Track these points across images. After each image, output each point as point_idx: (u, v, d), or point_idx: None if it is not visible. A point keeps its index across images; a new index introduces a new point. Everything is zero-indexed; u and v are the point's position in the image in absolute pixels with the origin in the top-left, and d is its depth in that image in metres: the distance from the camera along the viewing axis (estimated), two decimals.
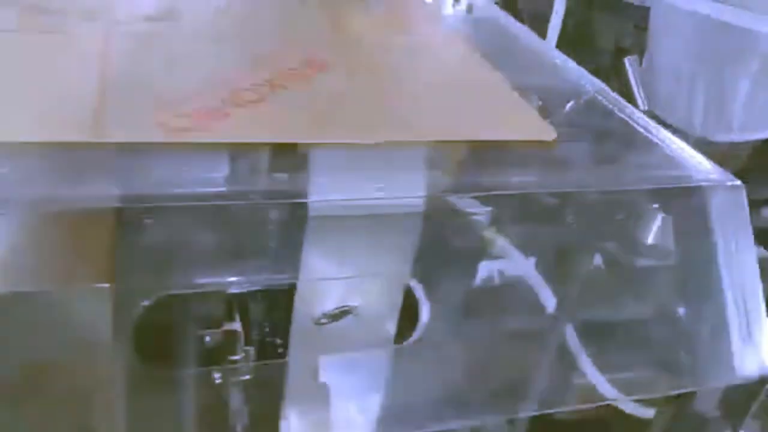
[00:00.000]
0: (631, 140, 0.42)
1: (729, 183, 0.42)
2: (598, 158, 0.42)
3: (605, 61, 0.86)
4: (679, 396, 0.40)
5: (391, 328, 0.45)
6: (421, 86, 0.45)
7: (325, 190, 0.38)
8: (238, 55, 0.44)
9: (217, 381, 0.42)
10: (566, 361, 0.39)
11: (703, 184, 0.41)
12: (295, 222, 0.40)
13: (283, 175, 0.39)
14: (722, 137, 0.74)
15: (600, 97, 0.44)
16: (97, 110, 0.36)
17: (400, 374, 0.47)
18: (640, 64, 0.78)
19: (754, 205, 0.95)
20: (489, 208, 0.41)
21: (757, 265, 0.41)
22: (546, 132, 0.41)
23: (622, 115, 0.42)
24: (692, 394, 0.40)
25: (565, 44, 0.89)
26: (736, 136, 0.74)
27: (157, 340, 0.40)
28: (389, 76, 0.46)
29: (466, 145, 0.41)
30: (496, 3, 0.76)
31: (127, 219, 0.37)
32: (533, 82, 0.45)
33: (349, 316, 0.45)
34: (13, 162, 0.33)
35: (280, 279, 0.40)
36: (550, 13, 0.81)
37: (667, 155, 0.42)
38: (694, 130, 0.75)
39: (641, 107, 0.77)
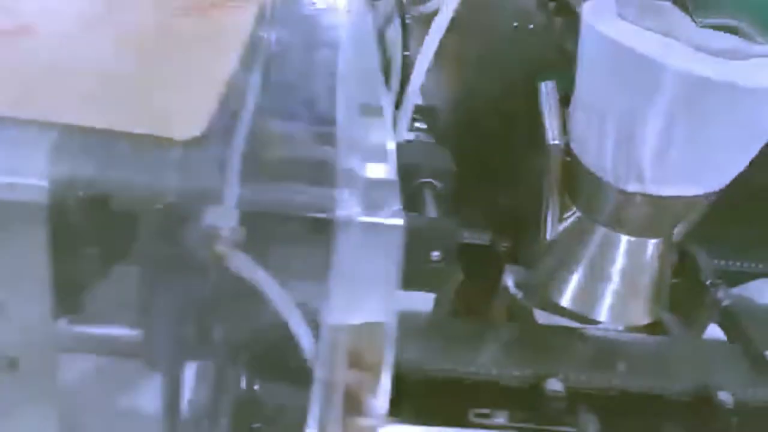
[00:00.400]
0: (296, 160, 0.35)
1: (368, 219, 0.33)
2: (232, 170, 0.35)
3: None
4: None
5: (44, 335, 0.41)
6: (118, 67, 0.41)
7: None
8: None
9: None
10: None
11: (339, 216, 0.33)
12: None
13: None
14: (634, 187, 0.63)
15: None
16: None
17: None
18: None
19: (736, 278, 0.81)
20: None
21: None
22: (182, 131, 0.35)
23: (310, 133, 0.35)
24: None
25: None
26: (650, 188, 0.62)
27: None
28: (90, 54, 0.41)
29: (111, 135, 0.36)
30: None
31: None
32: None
33: None
34: None
35: None
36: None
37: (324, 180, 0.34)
38: (605, 174, 0.64)
39: (550, 140, 0.67)
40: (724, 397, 0.64)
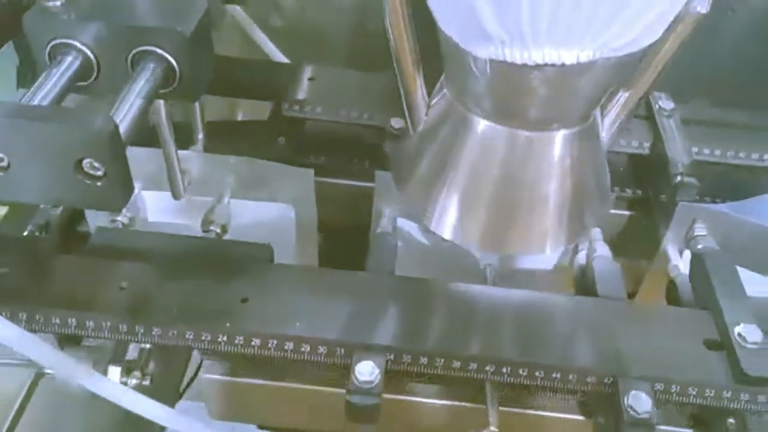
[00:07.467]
0: None
1: None
2: None
3: None
4: None
5: None
6: None
7: None
8: None
9: None
10: None
11: None
12: None
13: None
14: (484, 51, 0.41)
15: None
16: None
17: None
18: None
19: None
20: None
21: None
22: None
23: None
24: None
25: None
26: (505, 51, 0.41)
27: None
28: None
29: None
30: None
31: None
32: None
33: None
34: None
35: None
36: None
37: None
38: (450, 31, 0.43)
39: None
40: None
